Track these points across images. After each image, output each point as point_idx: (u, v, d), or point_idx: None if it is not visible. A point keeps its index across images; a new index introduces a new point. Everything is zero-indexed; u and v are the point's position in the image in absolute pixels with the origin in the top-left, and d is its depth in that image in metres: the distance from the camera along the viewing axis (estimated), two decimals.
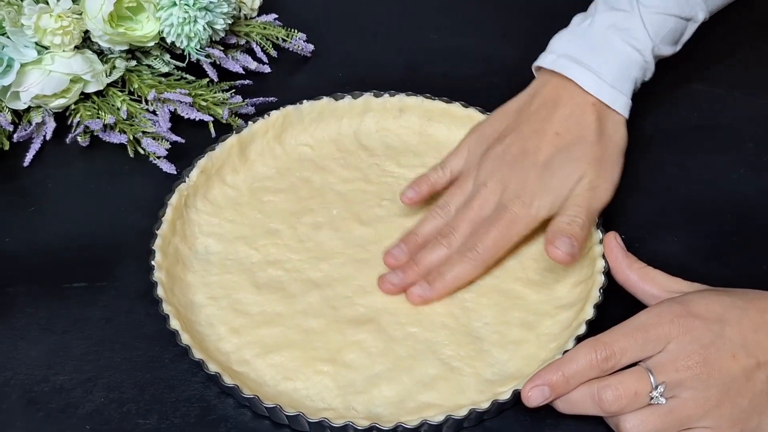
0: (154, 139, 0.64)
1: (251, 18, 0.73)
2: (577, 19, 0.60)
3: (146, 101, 0.66)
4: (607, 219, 0.57)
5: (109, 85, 0.66)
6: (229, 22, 0.68)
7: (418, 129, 0.65)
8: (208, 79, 0.68)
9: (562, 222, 0.53)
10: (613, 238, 0.52)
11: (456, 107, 0.64)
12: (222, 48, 0.69)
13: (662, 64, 0.62)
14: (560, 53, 0.58)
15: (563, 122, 0.56)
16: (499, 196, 0.55)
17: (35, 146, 0.65)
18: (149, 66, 0.68)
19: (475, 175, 0.56)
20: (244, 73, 0.70)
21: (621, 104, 0.57)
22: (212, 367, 0.48)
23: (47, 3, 0.62)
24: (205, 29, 0.66)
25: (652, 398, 0.45)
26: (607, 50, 0.57)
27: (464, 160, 0.58)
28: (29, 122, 0.65)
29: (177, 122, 0.66)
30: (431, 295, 0.53)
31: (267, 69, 0.72)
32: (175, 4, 0.64)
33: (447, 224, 0.55)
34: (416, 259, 0.55)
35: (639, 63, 0.57)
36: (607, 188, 0.55)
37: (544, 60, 0.59)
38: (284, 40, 0.73)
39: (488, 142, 0.57)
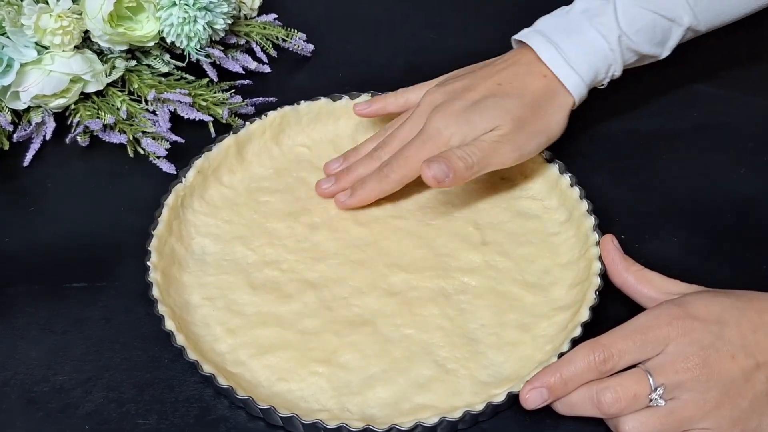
0: (153, 139, 0.64)
1: (251, 18, 0.73)
2: (563, 7, 0.62)
3: (146, 101, 0.66)
4: (607, 219, 0.57)
5: (109, 85, 0.66)
6: (229, 22, 0.68)
7: None
8: (208, 79, 0.68)
9: (453, 152, 0.55)
10: (610, 241, 0.52)
11: None
12: (222, 48, 0.69)
13: (662, 63, 0.62)
14: (535, 29, 0.60)
15: (510, 77, 0.58)
16: (426, 118, 0.57)
17: (35, 146, 0.65)
18: (149, 66, 0.68)
19: (421, 103, 0.60)
20: (244, 73, 0.70)
21: (573, 83, 0.58)
22: (206, 368, 0.48)
23: (47, 3, 0.62)
24: (205, 29, 0.66)
25: (651, 400, 0.44)
26: (574, 31, 0.58)
27: (423, 93, 0.61)
28: (29, 122, 0.65)
29: (177, 122, 0.66)
30: (351, 202, 0.59)
31: (267, 69, 0.72)
32: (175, 4, 0.64)
33: (382, 141, 0.60)
34: (349, 168, 0.60)
35: (603, 50, 0.58)
36: (511, 151, 0.56)
37: (520, 33, 0.61)
38: (284, 40, 0.73)
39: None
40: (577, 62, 0.58)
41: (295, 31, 0.73)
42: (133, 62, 0.67)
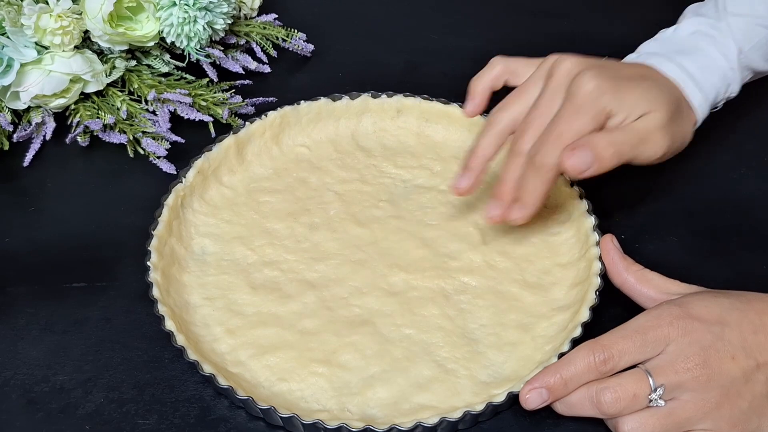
0: (153, 139, 0.64)
1: (251, 18, 0.73)
2: (662, 30, 0.59)
3: (146, 101, 0.66)
4: (607, 219, 0.57)
5: (109, 85, 0.66)
6: (229, 22, 0.68)
7: (416, 130, 0.65)
8: (208, 79, 0.68)
9: (602, 137, 0.49)
10: (610, 241, 0.52)
11: (454, 108, 0.64)
12: (222, 48, 0.70)
13: None
14: (643, 52, 0.57)
15: (653, 74, 0.53)
16: (567, 86, 0.50)
17: (35, 146, 0.65)
18: (149, 66, 0.68)
19: (545, 76, 0.52)
20: (243, 73, 0.70)
21: (698, 101, 0.54)
22: (207, 369, 0.48)
23: (47, 3, 0.63)
24: (204, 29, 0.66)
25: (651, 400, 0.44)
26: (693, 51, 0.56)
27: (532, 66, 0.54)
28: (29, 122, 0.65)
29: (177, 122, 0.66)
30: (528, 213, 0.51)
31: (267, 69, 0.72)
32: (175, 4, 0.64)
33: (519, 130, 0.52)
34: (501, 179, 0.52)
35: (723, 69, 0.56)
36: (663, 144, 0.51)
37: (628, 58, 0.58)
38: (284, 40, 0.73)
39: None
40: (702, 80, 0.55)
41: (295, 31, 0.73)
42: (133, 62, 0.68)
